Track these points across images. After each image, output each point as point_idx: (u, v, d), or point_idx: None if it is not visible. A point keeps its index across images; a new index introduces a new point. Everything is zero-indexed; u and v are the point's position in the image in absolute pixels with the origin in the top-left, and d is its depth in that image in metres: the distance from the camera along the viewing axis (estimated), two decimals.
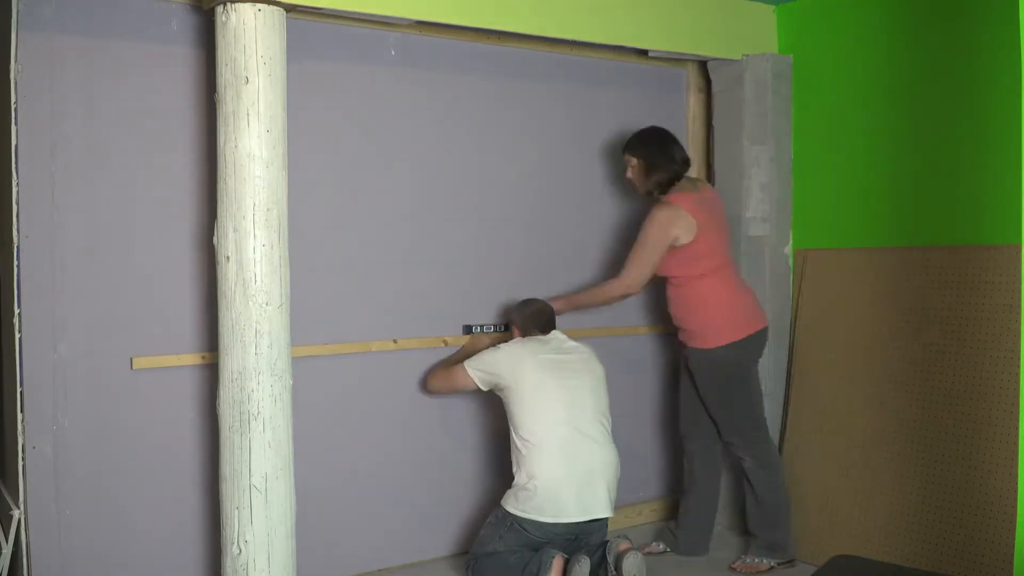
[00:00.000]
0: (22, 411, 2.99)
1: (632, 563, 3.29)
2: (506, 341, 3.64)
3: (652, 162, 3.70)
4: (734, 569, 3.72)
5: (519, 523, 3.37)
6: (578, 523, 3.38)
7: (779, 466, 3.80)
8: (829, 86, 4.00)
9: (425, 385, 3.73)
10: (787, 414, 4.05)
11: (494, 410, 3.95)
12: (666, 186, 3.69)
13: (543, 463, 3.36)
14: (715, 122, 4.27)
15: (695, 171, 4.45)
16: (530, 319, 3.67)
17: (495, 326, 3.90)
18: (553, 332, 3.67)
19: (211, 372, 3.24)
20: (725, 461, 3.97)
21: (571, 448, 3.40)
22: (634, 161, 3.75)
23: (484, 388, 3.54)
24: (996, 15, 3.32)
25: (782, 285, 4.13)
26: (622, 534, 3.54)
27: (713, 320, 3.68)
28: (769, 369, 4.08)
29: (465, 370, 3.52)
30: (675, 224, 3.59)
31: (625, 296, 3.79)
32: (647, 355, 4.38)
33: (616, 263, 4.24)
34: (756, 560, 3.71)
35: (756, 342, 3.75)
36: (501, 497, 3.48)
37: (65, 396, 3.07)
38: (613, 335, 4.24)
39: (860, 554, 3.50)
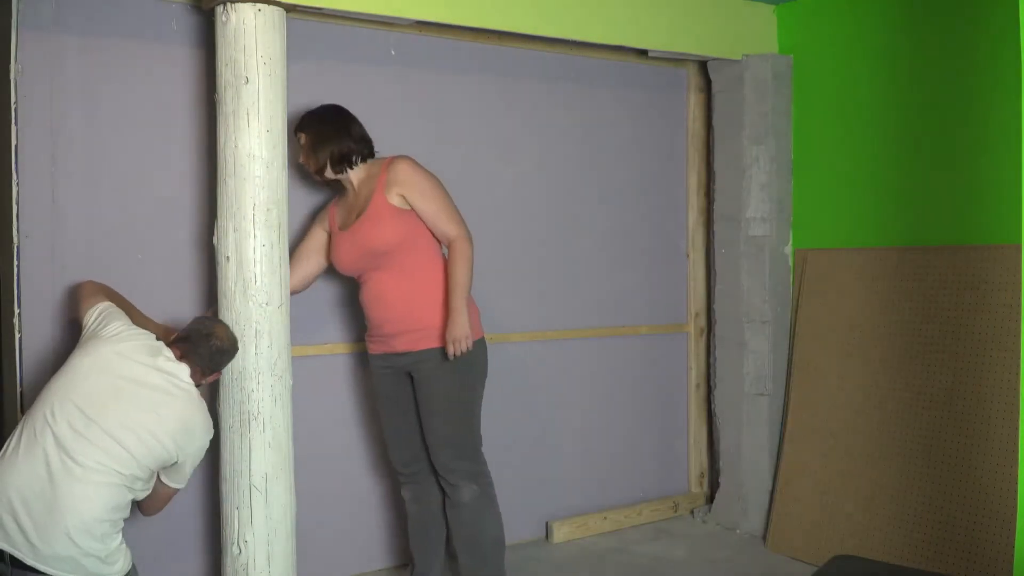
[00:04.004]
0: (22, 411, 2.99)
1: None
2: None
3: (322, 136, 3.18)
4: None
5: None
6: None
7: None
8: (829, 86, 4.00)
9: None
10: (787, 414, 4.05)
11: (493, 409, 3.95)
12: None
13: None
14: (715, 122, 4.27)
15: (695, 171, 4.46)
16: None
17: None
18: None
19: None
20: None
21: None
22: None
23: None
24: (996, 15, 3.32)
25: (782, 285, 4.14)
26: None
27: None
28: (769, 369, 4.08)
29: None
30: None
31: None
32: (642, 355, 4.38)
33: (615, 262, 4.25)
34: None
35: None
36: (502, 497, 3.45)
37: None
38: (618, 335, 4.24)
39: (860, 554, 3.50)
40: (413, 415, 3.24)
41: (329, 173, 3.17)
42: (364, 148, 3.21)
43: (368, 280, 3.15)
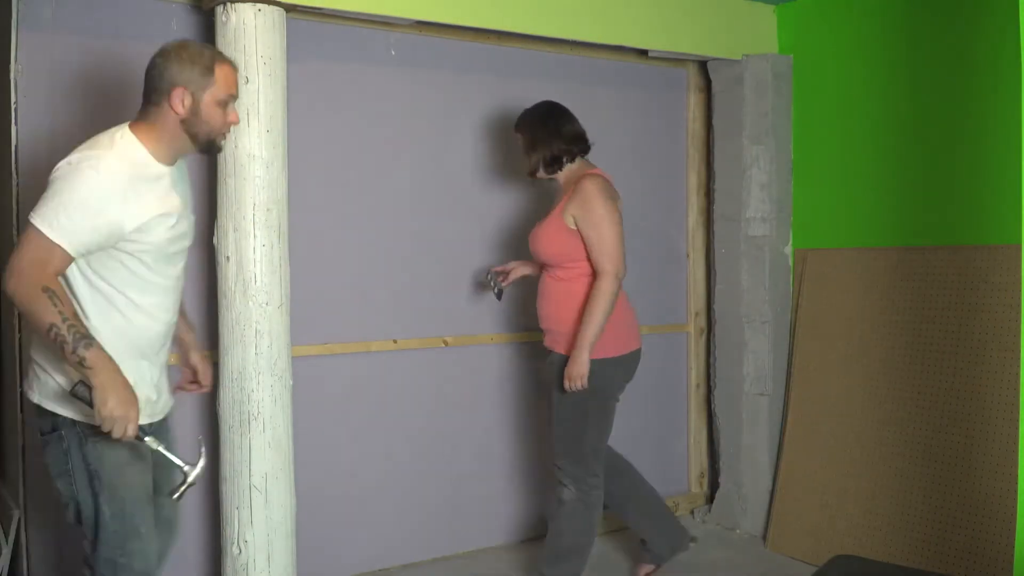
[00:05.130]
0: (22, 411, 2.99)
1: None
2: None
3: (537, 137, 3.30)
4: None
5: None
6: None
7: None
8: (829, 86, 4.00)
9: None
10: (787, 414, 4.05)
11: (494, 409, 3.96)
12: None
13: None
14: (715, 122, 4.27)
15: (695, 171, 4.46)
16: None
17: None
18: None
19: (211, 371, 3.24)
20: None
21: None
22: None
23: None
24: (996, 15, 3.32)
25: (782, 285, 4.14)
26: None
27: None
28: (769, 369, 4.08)
29: None
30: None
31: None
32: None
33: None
34: None
35: (634, 361, 3.32)
36: (502, 497, 3.47)
37: None
38: None
39: (860, 554, 3.50)
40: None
41: (542, 174, 3.31)
42: (576, 147, 3.28)
43: (543, 273, 3.33)
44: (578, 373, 3.09)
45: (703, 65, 4.33)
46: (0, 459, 3.45)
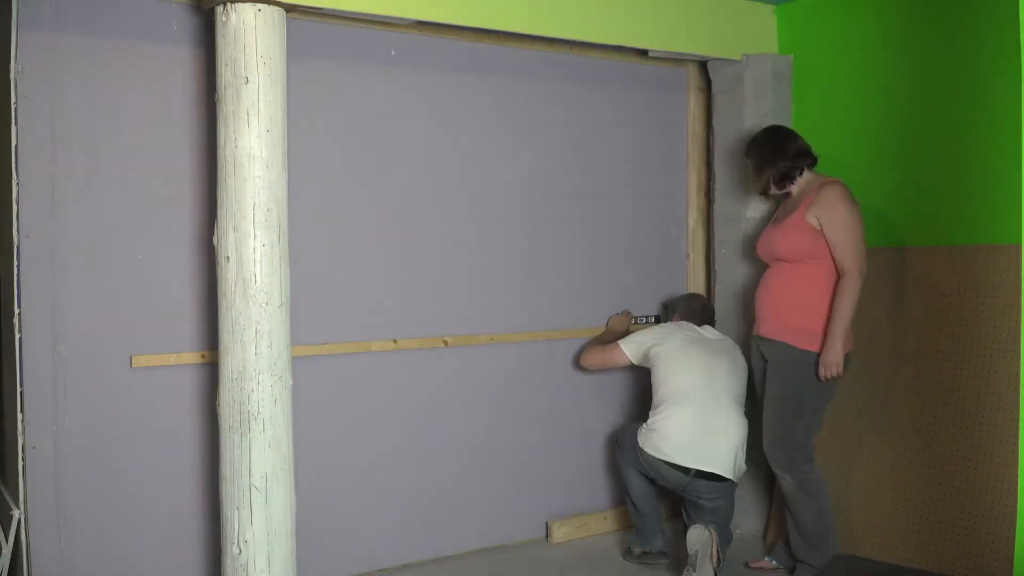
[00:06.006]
0: (22, 411, 2.99)
1: (693, 533, 3.45)
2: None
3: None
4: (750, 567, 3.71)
5: (640, 452, 3.68)
6: (685, 470, 3.58)
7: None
8: (829, 86, 4.00)
9: (578, 363, 4.06)
10: None
11: (493, 409, 3.96)
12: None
13: (671, 410, 3.63)
14: (715, 122, 4.27)
15: (695, 171, 4.46)
16: (692, 312, 3.99)
17: (645, 317, 4.28)
18: (707, 326, 3.93)
19: (211, 371, 3.24)
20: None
21: (699, 402, 3.62)
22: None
23: (635, 361, 3.85)
24: (996, 15, 3.32)
25: None
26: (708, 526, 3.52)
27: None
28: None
29: (620, 348, 3.85)
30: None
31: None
32: None
33: (615, 262, 4.25)
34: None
35: (847, 363, 3.49)
36: (501, 497, 3.48)
37: (65, 396, 3.07)
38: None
39: (860, 554, 3.50)
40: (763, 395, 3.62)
41: (774, 191, 3.61)
42: (803, 162, 3.57)
43: (771, 268, 3.60)
44: (833, 361, 3.36)
45: (703, 65, 4.33)
46: (0, 459, 3.45)
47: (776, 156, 3.56)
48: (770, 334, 3.54)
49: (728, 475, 3.60)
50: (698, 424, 3.59)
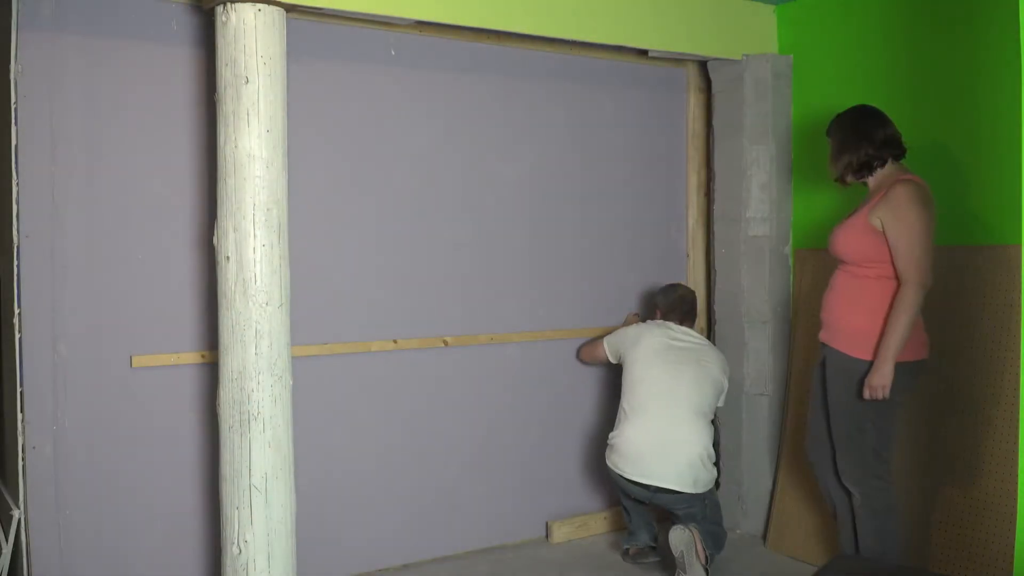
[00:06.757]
0: (22, 411, 2.99)
1: (674, 535, 3.48)
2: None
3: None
4: None
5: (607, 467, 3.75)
6: (645, 485, 3.61)
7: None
8: (829, 86, 4.00)
9: (578, 355, 4.13)
10: (787, 414, 4.05)
11: (493, 409, 3.96)
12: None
13: (626, 425, 3.68)
14: (715, 122, 4.27)
15: (695, 171, 4.46)
16: (672, 307, 3.94)
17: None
18: (686, 326, 3.90)
19: (211, 371, 3.24)
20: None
21: (656, 416, 3.63)
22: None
23: (612, 359, 3.91)
24: (996, 15, 3.32)
25: (782, 285, 4.13)
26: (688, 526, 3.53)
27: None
28: (769, 369, 4.08)
29: (603, 343, 3.93)
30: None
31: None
32: None
33: (615, 262, 4.25)
34: None
35: (921, 370, 3.22)
36: (502, 497, 3.49)
37: (65, 396, 3.07)
38: None
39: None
40: (821, 404, 3.32)
41: (851, 179, 3.23)
42: (889, 151, 3.19)
43: (837, 269, 3.28)
44: (880, 384, 3.04)
45: (703, 65, 4.33)
46: (0, 459, 3.45)
47: (860, 142, 3.17)
48: (825, 339, 3.27)
49: (686, 489, 3.57)
50: (655, 439, 3.60)
